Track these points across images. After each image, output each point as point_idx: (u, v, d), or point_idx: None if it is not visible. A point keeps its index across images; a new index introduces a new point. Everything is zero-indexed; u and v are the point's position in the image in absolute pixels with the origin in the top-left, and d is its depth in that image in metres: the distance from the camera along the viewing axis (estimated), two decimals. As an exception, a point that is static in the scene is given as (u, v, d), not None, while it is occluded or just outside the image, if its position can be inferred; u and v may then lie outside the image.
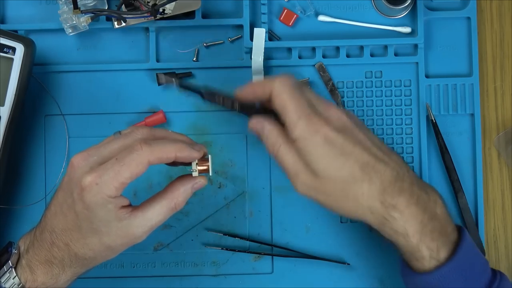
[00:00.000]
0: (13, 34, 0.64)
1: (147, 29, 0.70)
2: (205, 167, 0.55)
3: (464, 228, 0.58)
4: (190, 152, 0.53)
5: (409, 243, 0.55)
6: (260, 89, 0.58)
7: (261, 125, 0.58)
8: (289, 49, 0.70)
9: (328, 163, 0.54)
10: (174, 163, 0.55)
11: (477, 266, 0.57)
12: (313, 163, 0.55)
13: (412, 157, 0.69)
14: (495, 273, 0.58)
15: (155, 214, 0.53)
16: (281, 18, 0.71)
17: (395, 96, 0.70)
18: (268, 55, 0.70)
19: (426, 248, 0.55)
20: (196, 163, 0.55)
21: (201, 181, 0.55)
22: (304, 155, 0.55)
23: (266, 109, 0.59)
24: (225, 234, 0.69)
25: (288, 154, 0.56)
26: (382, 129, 0.70)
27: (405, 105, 0.70)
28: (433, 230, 0.55)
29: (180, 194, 0.54)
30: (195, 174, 0.55)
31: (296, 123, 0.55)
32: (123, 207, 0.52)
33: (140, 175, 0.51)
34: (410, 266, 0.58)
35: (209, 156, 0.55)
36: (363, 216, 0.56)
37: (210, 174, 0.55)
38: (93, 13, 0.65)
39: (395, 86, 0.70)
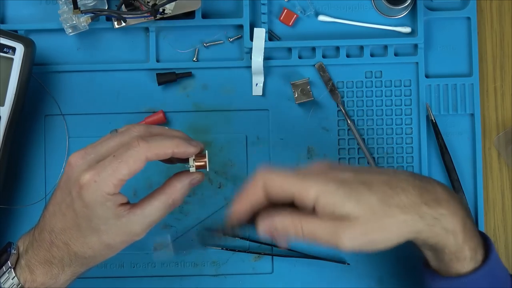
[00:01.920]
0: (13, 34, 0.64)
1: (147, 29, 0.70)
2: (202, 163, 0.55)
3: (484, 233, 0.57)
4: (187, 147, 0.53)
5: (457, 241, 0.53)
6: (252, 195, 0.54)
7: (270, 221, 0.53)
8: (289, 49, 0.70)
9: (356, 199, 0.51)
10: (171, 160, 0.55)
11: (503, 270, 0.57)
12: (343, 209, 0.51)
13: (412, 157, 0.70)
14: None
15: (153, 210, 0.53)
16: (281, 18, 0.71)
17: (395, 96, 0.70)
18: (268, 55, 0.70)
19: (469, 248, 0.53)
20: (193, 159, 0.55)
21: (199, 177, 0.55)
22: (330, 210, 0.51)
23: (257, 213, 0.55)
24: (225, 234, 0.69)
25: (314, 223, 0.52)
26: (382, 129, 0.70)
27: (405, 105, 0.70)
28: (470, 228, 0.54)
29: (178, 190, 0.54)
30: (192, 170, 0.55)
31: (307, 186, 0.51)
32: (122, 204, 0.52)
33: (138, 172, 0.51)
34: (442, 271, 0.56)
35: (206, 152, 0.55)
36: (415, 226, 0.52)
37: (207, 169, 0.55)
38: (93, 13, 0.65)
39: (395, 86, 0.70)
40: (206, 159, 0.55)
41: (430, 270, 0.57)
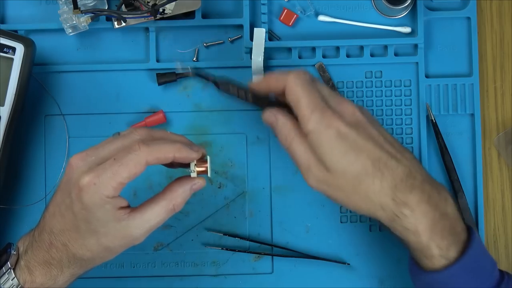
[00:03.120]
0: (13, 34, 0.64)
1: (147, 29, 0.70)
2: (203, 168, 0.55)
3: (474, 228, 0.58)
4: (188, 152, 0.53)
5: (419, 240, 0.55)
6: (274, 82, 0.58)
7: (275, 117, 0.58)
8: (289, 49, 0.70)
9: (340, 158, 0.54)
10: (172, 165, 0.55)
11: (486, 266, 0.57)
12: (325, 157, 0.55)
13: (412, 157, 0.69)
14: (502, 273, 0.58)
15: (153, 215, 0.53)
16: (281, 18, 0.71)
17: (395, 96, 0.70)
18: (268, 55, 0.70)
19: (436, 246, 0.55)
20: (195, 164, 0.54)
21: (200, 182, 0.55)
22: (317, 149, 0.55)
23: (280, 102, 0.59)
24: (225, 234, 0.69)
25: (300, 147, 0.56)
26: (382, 129, 0.70)
27: (405, 105, 0.70)
28: (443, 228, 0.55)
29: (179, 195, 0.54)
30: (193, 175, 0.55)
31: (309, 116, 0.55)
32: (121, 208, 0.52)
33: (138, 175, 0.51)
34: (419, 264, 0.57)
35: (208, 157, 0.55)
36: (373, 212, 0.56)
37: (209, 175, 0.55)
38: (93, 13, 0.65)
39: (395, 86, 0.70)
40: (208, 165, 0.55)
41: (413, 262, 0.58)
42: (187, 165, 0.55)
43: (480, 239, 0.57)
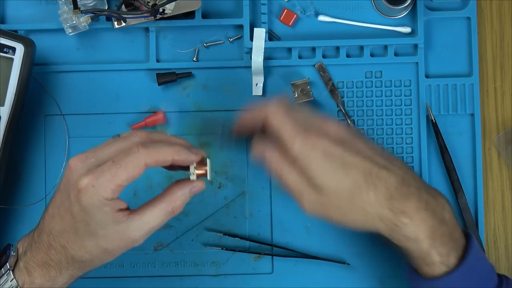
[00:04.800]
0: (13, 34, 0.64)
1: (147, 29, 0.70)
2: (203, 171, 0.55)
3: (471, 234, 0.57)
4: (188, 155, 0.53)
5: (420, 248, 0.54)
6: (255, 116, 0.58)
7: (262, 150, 0.57)
8: (289, 49, 0.70)
9: (330, 176, 0.54)
10: (172, 167, 0.55)
11: (485, 272, 0.57)
12: (316, 178, 0.54)
13: (412, 157, 0.69)
14: (500, 277, 0.58)
15: (152, 217, 0.53)
16: (281, 18, 0.71)
17: (395, 96, 0.70)
18: (268, 55, 0.70)
19: (437, 253, 0.54)
20: (194, 167, 0.54)
21: (199, 185, 0.55)
22: (306, 171, 0.54)
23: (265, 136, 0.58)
24: (225, 234, 0.69)
25: (290, 174, 0.55)
26: (382, 129, 0.70)
27: (405, 105, 0.70)
28: (443, 235, 0.55)
29: (178, 198, 0.54)
30: (193, 177, 0.54)
31: (294, 140, 0.54)
32: (120, 210, 0.52)
33: (137, 178, 0.51)
34: (418, 272, 0.57)
35: (208, 160, 0.55)
36: (373, 225, 0.55)
37: (209, 178, 0.55)
38: (93, 13, 0.65)
39: (395, 86, 0.70)
40: (207, 167, 0.55)
41: (410, 267, 0.58)
42: (187, 168, 0.54)
43: (477, 244, 0.57)
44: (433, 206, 0.55)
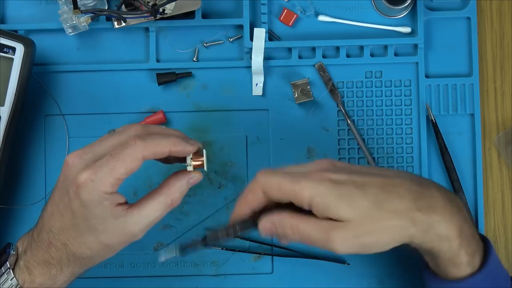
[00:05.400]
0: (13, 34, 0.64)
1: (147, 29, 0.70)
2: (199, 162, 0.55)
3: (485, 236, 0.57)
4: (184, 146, 0.53)
5: (451, 247, 0.52)
6: (251, 198, 0.54)
7: (270, 221, 0.53)
8: (289, 49, 0.70)
9: (348, 202, 0.51)
10: (169, 160, 0.55)
11: (503, 274, 0.56)
12: (338, 210, 0.50)
13: (412, 157, 0.70)
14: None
15: (151, 211, 0.53)
16: (281, 18, 0.71)
17: (395, 96, 0.70)
18: (268, 55, 0.70)
19: (465, 253, 0.53)
20: (191, 158, 0.54)
21: (196, 176, 0.55)
22: (325, 209, 0.51)
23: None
24: (225, 234, 0.69)
25: (309, 226, 0.52)
26: (382, 129, 0.70)
27: (405, 105, 0.70)
28: (468, 234, 0.53)
29: (176, 189, 0.54)
30: (190, 169, 0.54)
31: (301, 187, 0.51)
32: (119, 204, 0.52)
33: (135, 171, 0.51)
34: (441, 274, 0.56)
35: (204, 151, 0.55)
36: (408, 233, 0.51)
37: (205, 169, 0.55)
38: (93, 13, 0.65)
39: (395, 86, 0.70)
40: (204, 158, 0.55)
41: (430, 271, 0.57)
42: (184, 160, 0.55)
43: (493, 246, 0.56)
44: (456, 203, 0.54)
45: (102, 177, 0.50)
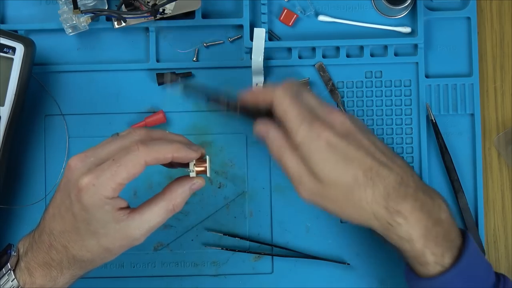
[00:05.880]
0: (13, 34, 0.64)
1: (147, 29, 0.70)
2: (202, 168, 0.55)
3: (469, 233, 0.58)
4: (187, 152, 0.53)
5: (413, 248, 0.55)
6: (262, 95, 0.58)
7: (266, 129, 0.58)
8: (289, 49, 0.70)
9: (331, 168, 0.54)
10: (172, 165, 0.55)
11: (481, 271, 0.57)
12: (316, 168, 0.54)
13: (412, 157, 0.70)
14: (498, 276, 0.58)
15: (153, 216, 0.53)
16: (281, 18, 0.71)
17: (395, 96, 0.70)
18: (268, 55, 0.70)
19: (431, 253, 0.55)
20: (194, 164, 0.54)
21: (199, 182, 0.55)
22: (307, 160, 0.54)
23: (270, 115, 0.58)
24: (225, 234, 0.69)
25: (291, 160, 0.55)
26: (382, 129, 0.70)
27: (405, 105, 0.70)
28: (437, 235, 0.55)
29: (178, 195, 0.54)
30: (192, 175, 0.55)
31: (298, 128, 0.54)
32: (121, 208, 0.52)
33: (137, 176, 0.51)
34: (414, 271, 0.57)
35: (207, 157, 0.55)
36: (367, 221, 0.55)
37: (208, 175, 0.55)
38: (93, 13, 0.65)
39: (395, 86, 0.70)
40: (207, 164, 0.55)
41: (408, 266, 0.58)
42: (187, 165, 0.55)
43: (474, 244, 0.57)
44: (429, 207, 0.55)
45: (104, 181, 0.50)
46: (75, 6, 0.62)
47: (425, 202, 0.55)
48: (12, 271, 0.54)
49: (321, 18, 0.71)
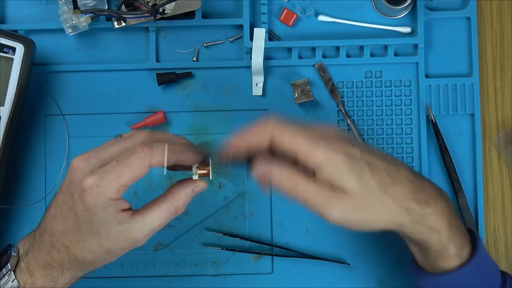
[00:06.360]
0: (13, 34, 0.64)
1: (147, 29, 0.70)
2: (205, 171, 0.55)
3: (473, 229, 0.58)
4: (191, 155, 0.53)
5: (440, 240, 0.54)
6: (255, 138, 0.54)
7: (268, 168, 0.53)
8: (289, 49, 0.70)
9: (357, 177, 0.52)
10: (174, 167, 0.55)
11: (492, 266, 0.57)
12: (345, 182, 0.52)
13: (412, 157, 0.70)
14: (503, 274, 0.59)
15: (155, 218, 0.53)
16: (281, 18, 0.71)
17: (395, 96, 0.70)
18: (268, 55, 0.70)
19: (454, 245, 0.54)
20: (197, 167, 0.54)
21: (201, 185, 0.55)
22: (334, 178, 0.52)
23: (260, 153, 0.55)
24: (225, 234, 0.69)
25: (310, 188, 0.53)
26: (382, 129, 0.70)
27: (405, 105, 0.70)
28: (457, 227, 0.55)
29: (181, 198, 0.54)
30: (195, 177, 0.54)
31: (316, 149, 0.52)
32: (124, 210, 0.52)
33: (140, 178, 0.51)
34: (427, 268, 0.57)
35: (210, 160, 0.55)
36: (400, 220, 0.53)
37: (211, 178, 0.55)
38: (93, 13, 0.65)
39: (395, 86, 0.70)
40: (210, 167, 0.54)
41: (418, 267, 0.58)
42: (190, 168, 0.54)
43: (481, 240, 0.57)
44: (445, 197, 0.55)
45: (108, 183, 0.50)
46: (75, 6, 0.62)
47: (441, 193, 0.55)
48: (12, 272, 0.54)
49: (321, 18, 0.71)
